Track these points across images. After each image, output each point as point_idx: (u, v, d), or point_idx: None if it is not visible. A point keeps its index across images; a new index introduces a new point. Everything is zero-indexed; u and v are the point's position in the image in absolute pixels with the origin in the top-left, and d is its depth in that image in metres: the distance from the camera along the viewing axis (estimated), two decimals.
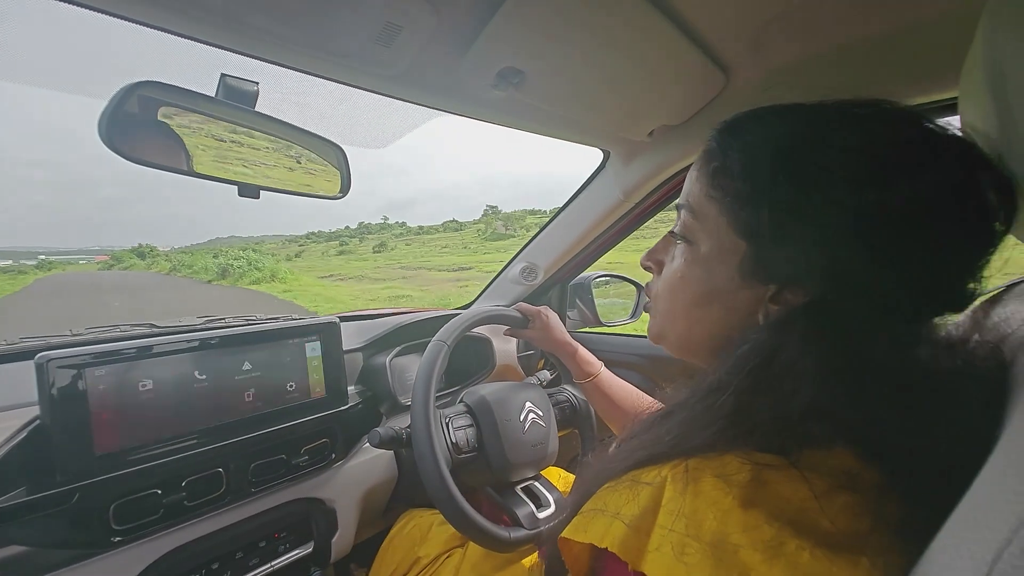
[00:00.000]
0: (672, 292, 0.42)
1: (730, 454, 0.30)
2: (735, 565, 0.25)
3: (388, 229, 69.03)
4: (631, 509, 0.31)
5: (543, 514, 0.77)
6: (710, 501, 0.28)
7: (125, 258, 61.37)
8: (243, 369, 0.74)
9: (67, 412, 0.58)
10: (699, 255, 0.39)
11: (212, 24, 0.45)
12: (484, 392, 0.84)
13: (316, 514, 0.82)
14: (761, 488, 0.27)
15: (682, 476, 0.30)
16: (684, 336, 0.43)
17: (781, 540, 0.25)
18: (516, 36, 0.52)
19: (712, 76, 0.72)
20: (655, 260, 0.46)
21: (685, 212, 0.40)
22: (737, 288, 0.37)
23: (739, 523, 0.26)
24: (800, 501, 0.27)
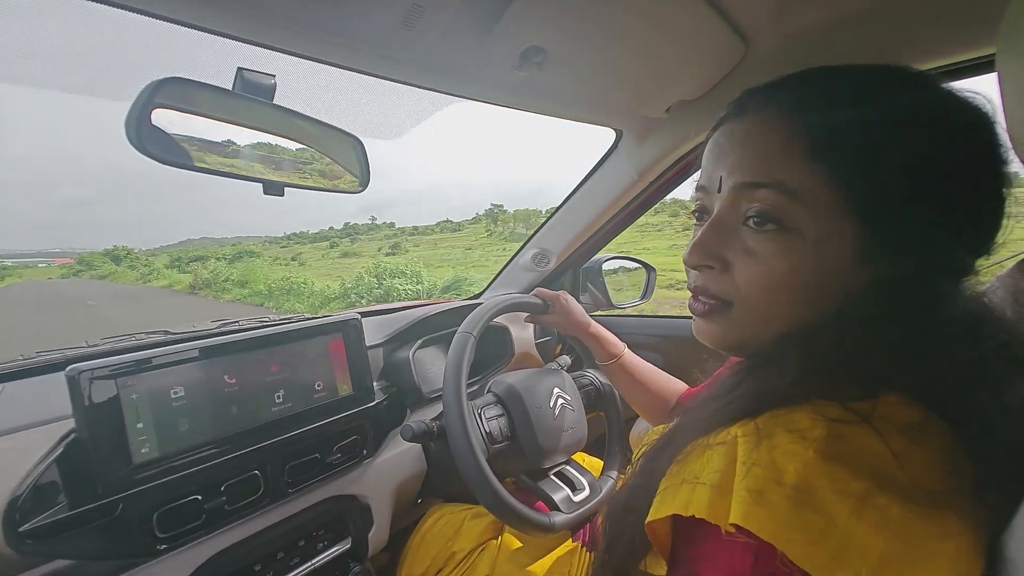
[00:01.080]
0: (770, 291, 0.35)
1: (799, 410, 0.29)
2: (821, 511, 0.25)
3: (377, 230, 65.19)
4: (708, 472, 0.30)
5: (579, 497, 0.78)
6: (789, 453, 0.27)
7: (97, 262, 52.62)
8: (271, 371, 0.73)
9: (103, 423, 0.57)
10: (805, 243, 0.33)
11: (231, 14, 0.43)
12: (511, 380, 0.84)
13: (351, 511, 0.82)
14: (839, 442, 0.27)
15: (754, 432, 0.29)
16: (777, 335, 0.36)
17: (869, 494, 0.25)
18: (541, 12, 0.51)
19: (732, 45, 0.70)
20: (716, 256, 0.37)
21: (772, 194, 0.34)
22: (854, 272, 0.33)
23: (824, 474, 0.26)
24: (879, 455, 0.27)
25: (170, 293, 21.51)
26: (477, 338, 0.76)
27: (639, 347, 1.09)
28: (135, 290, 26.17)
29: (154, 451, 0.60)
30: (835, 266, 0.33)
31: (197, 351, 0.65)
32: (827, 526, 0.25)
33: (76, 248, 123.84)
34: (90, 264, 52.64)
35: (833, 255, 0.33)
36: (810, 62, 0.76)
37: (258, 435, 0.70)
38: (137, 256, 56.27)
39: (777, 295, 0.35)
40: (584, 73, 0.65)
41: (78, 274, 50.35)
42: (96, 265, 51.11)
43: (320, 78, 0.58)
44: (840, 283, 0.34)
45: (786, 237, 0.34)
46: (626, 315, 1.42)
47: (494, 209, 49.32)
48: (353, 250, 44.89)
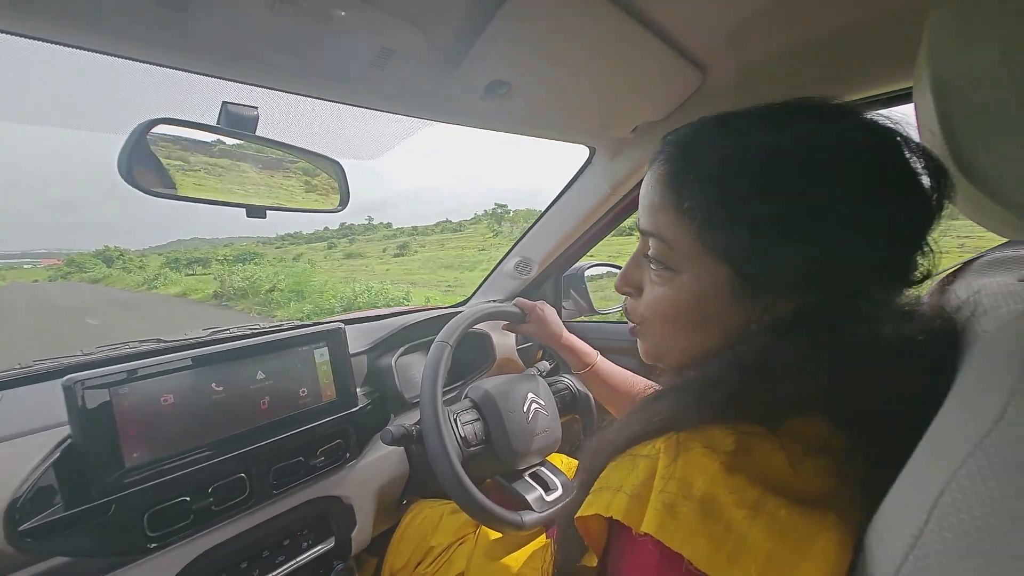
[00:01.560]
0: (661, 320, 0.41)
1: (716, 427, 0.33)
2: (721, 520, 0.29)
3: (374, 230, 62.31)
4: (631, 480, 0.34)
5: (551, 497, 0.82)
6: (699, 467, 0.31)
7: (87, 264, 48.06)
8: (257, 378, 0.77)
9: (97, 430, 0.61)
10: (682, 283, 0.39)
11: (215, 59, 0.47)
12: (487, 387, 0.88)
13: (335, 511, 0.86)
14: (744, 455, 0.31)
15: (674, 447, 0.33)
16: (681, 356, 0.42)
17: (762, 500, 0.29)
18: (502, 52, 0.55)
19: (689, 74, 0.75)
20: (634, 284, 0.45)
21: (656, 241, 0.40)
22: (728, 307, 0.37)
23: (725, 485, 0.30)
24: (777, 467, 0.31)
25: (189, 305, 16.71)
26: (454, 347, 0.80)
27: (620, 352, 1.13)
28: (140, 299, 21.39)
29: (145, 456, 0.64)
30: (711, 302, 0.38)
31: (186, 361, 0.69)
32: (726, 532, 0.29)
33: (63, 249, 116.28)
34: (80, 266, 48.34)
35: (708, 293, 0.38)
36: (765, 86, 0.81)
37: (244, 440, 0.74)
38: (131, 258, 52.27)
39: (667, 322, 0.41)
40: (548, 101, 0.70)
41: (67, 276, 46.22)
42: (87, 267, 46.97)
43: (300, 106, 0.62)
44: (719, 317, 0.38)
45: (670, 275, 0.39)
46: (608, 321, 1.46)
47: (498, 209, 48.42)
48: (356, 251, 42.88)
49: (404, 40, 0.49)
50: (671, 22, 0.62)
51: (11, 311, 17.91)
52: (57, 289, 31.06)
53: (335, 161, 0.67)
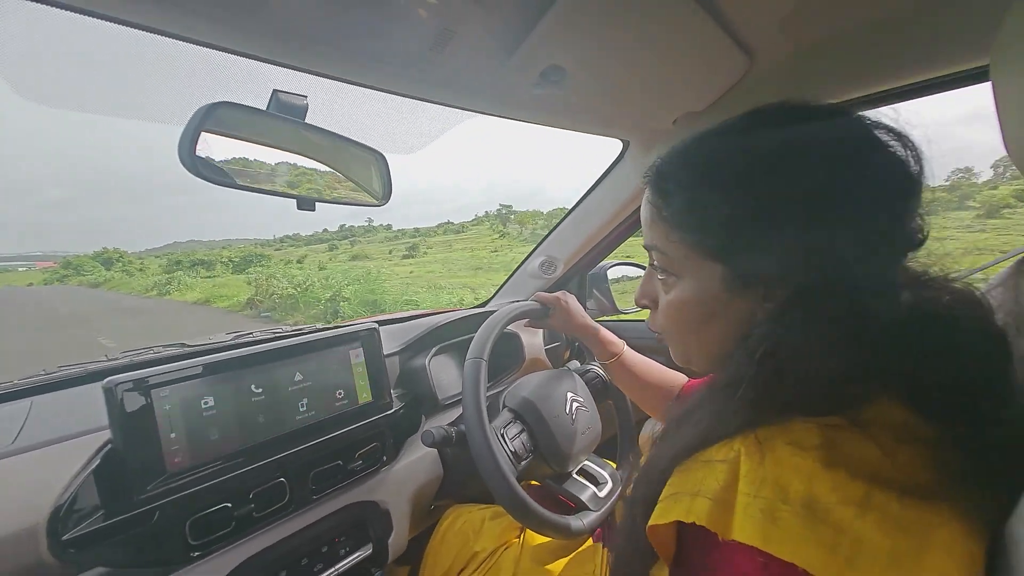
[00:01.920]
0: (675, 324, 0.45)
1: (795, 421, 0.31)
2: (830, 521, 0.27)
3: (374, 231, 61.61)
4: (711, 485, 0.32)
5: (603, 492, 0.80)
6: (791, 467, 0.29)
7: (86, 267, 45.35)
8: (295, 379, 0.74)
9: (138, 434, 0.58)
10: (684, 286, 0.42)
11: (269, 41, 0.45)
12: (525, 393, 0.84)
13: (372, 516, 0.84)
14: (834, 449, 0.29)
15: (756, 448, 0.31)
16: (704, 356, 0.45)
17: (869, 494, 0.27)
18: (563, 33, 0.53)
19: (737, 59, 0.73)
20: (650, 297, 0.49)
21: (656, 253, 0.44)
22: (729, 301, 0.40)
23: (826, 483, 0.28)
24: (871, 457, 0.29)
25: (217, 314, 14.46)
26: (488, 359, 0.77)
27: (643, 350, 1.11)
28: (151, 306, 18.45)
29: (186, 460, 0.62)
30: (712, 300, 0.40)
31: (225, 362, 0.67)
32: (837, 534, 0.27)
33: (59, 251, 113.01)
34: (78, 268, 45.76)
35: (708, 292, 0.40)
36: (813, 74, 0.79)
37: (284, 443, 0.71)
38: (131, 260, 49.75)
39: (680, 325, 0.44)
40: (598, 89, 0.68)
41: (64, 280, 43.64)
42: (85, 270, 44.53)
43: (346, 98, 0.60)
44: (724, 313, 0.40)
45: (673, 281, 0.43)
46: (630, 319, 1.44)
47: (503, 210, 48.24)
48: (362, 252, 41.29)
49: (465, 18, 0.47)
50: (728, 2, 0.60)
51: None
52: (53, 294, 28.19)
53: (379, 153, 0.64)
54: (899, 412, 0.31)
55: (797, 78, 0.78)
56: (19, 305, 21.86)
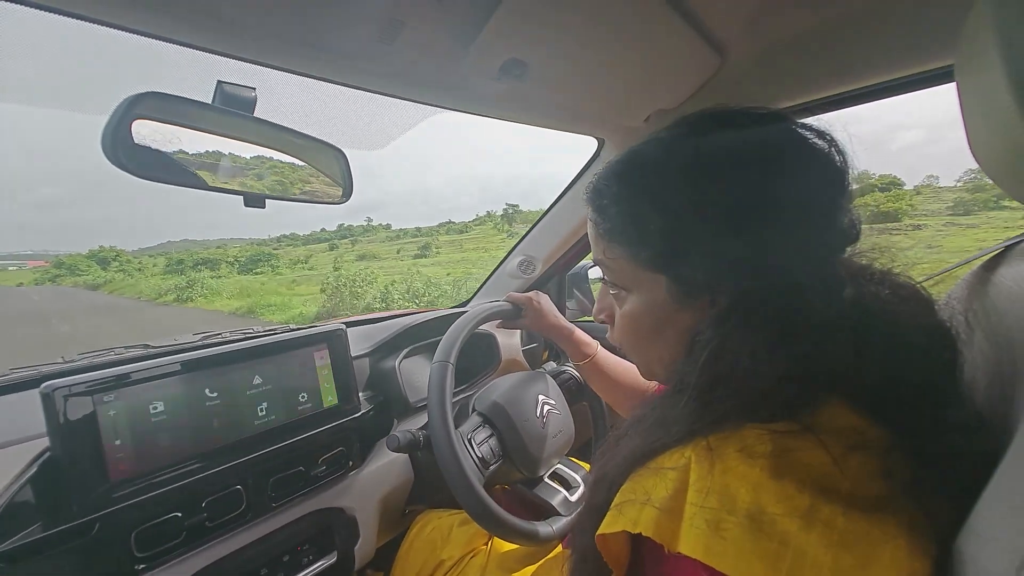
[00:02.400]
0: (629, 337, 0.45)
1: (747, 427, 0.31)
2: (774, 534, 0.26)
3: (374, 231, 59.67)
4: (660, 493, 0.31)
5: (575, 496, 0.78)
6: (739, 475, 0.28)
7: (80, 266, 42.95)
8: (254, 383, 0.72)
9: (79, 442, 0.56)
10: (634, 298, 0.43)
11: (210, 30, 0.43)
12: (495, 396, 0.82)
13: (337, 523, 0.81)
14: (784, 457, 0.28)
15: (706, 455, 0.30)
16: (662, 367, 0.45)
17: (815, 506, 0.26)
18: (520, 26, 0.52)
19: (707, 57, 0.72)
20: (606, 312, 0.50)
21: (604, 268, 0.44)
22: (677, 311, 0.40)
23: (772, 494, 0.27)
24: (821, 465, 0.28)
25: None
26: (455, 363, 0.74)
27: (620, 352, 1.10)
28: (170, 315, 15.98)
29: (132, 468, 0.59)
30: (660, 311, 0.41)
31: (177, 365, 0.64)
32: (781, 547, 0.26)
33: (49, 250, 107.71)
34: (72, 268, 42.96)
35: (655, 303, 0.41)
36: (783, 71, 0.79)
37: (241, 449, 0.69)
38: (128, 259, 46.62)
39: (634, 338, 0.44)
40: (565, 84, 0.66)
41: (56, 280, 41.30)
42: (80, 269, 42.01)
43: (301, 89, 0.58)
44: (672, 322, 0.40)
45: (624, 295, 0.43)
46: None
47: (509, 209, 48.02)
48: (369, 252, 40.14)
49: (416, 10, 0.46)
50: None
51: None
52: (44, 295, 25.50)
53: (338, 149, 0.62)
54: (850, 417, 0.31)
55: (768, 76, 0.78)
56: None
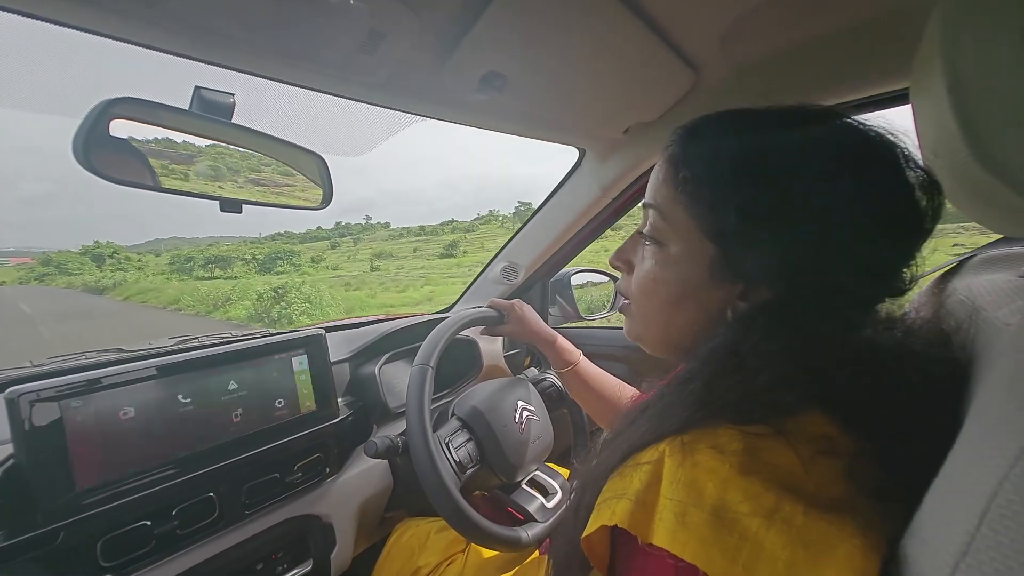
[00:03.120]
0: (646, 294, 0.43)
1: (722, 427, 0.32)
2: (736, 529, 0.27)
3: (372, 230, 57.06)
4: (634, 486, 0.32)
5: (552, 503, 0.79)
6: (708, 470, 0.29)
7: (71, 264, 37.93)
8: (229, 389, 0.71)
9: (44, 448, 0.54)
10: (669, 257, 0.40)
11: (192, 38, 0.43)
12: (475, 401, 0.83)
13: (313, 531, 0.81)
14: (754, 456, 0.29)
15: (679, 449, 0.31)
16: (661, 336, 0.44)
17: (778, 504, 0.27)
18: (498, 40, 0.53)
19: (682, 74, 0.75)
20: (624, 259, 0.47)
21: (654, 213, 0.41)
22: (707, 288, 0.39)
23: (739, 490, 0.28)
24: (789, 466, 0.29)
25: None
26: (435, 367, 0.75)
27: (605, 358, 1.11)
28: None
29: (99, 476, 0.58)
30: (693, 279, 0.39)
31: (151, 370, 0.63)
32: (741, 541, 0.27)
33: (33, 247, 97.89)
34: (61, 266, 37.48)
35: (691, 270, 0.39)
36: (756, 89, 0.81)
37: (214, 455, 0.68)
38: (128, 255, 41.42)
39: (650, 297, 0.43)
40: (543, 97, 0.67)
41: (43, 279, 35.40)
42: (71, 268, 36.55)
43: (283, 95, 0.58)
44: (697, 296, 0.39)
45: (659, 250, 0.41)
46: (593, 327, 1.44)
47: (522, 207, 47.62)
48: (385, 250, 37.58)
49: (396, 22, 0.46)
50: (667, 18, 0.61)
51: None
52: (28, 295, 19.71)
53: (318, 155, 0.62)
54: (824, 425, 0.32)
55: (741, 93, 0.80)
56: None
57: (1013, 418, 0.24)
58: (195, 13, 0.43)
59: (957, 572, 0.23)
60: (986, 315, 0.36)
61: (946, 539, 0.24)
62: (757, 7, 0.61)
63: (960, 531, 0.23)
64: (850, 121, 0.37)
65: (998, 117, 0.33)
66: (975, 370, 0.34)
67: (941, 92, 0.36)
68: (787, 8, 0.62)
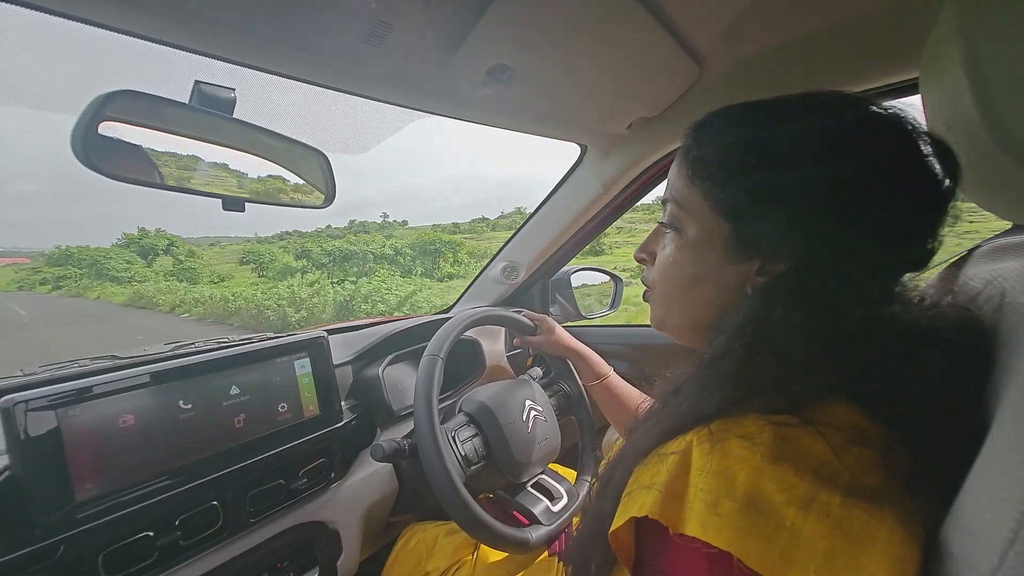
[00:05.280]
0: (666, 278, 0.44)
1: (748, 417, 0.31)
2: (772, 518, 0.27)
3: (390, 227, 53.38)
4: (662, 477, 0.32)
5: (557, 507, 0.78)
6: (739, 459, 0.29)
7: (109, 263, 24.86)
8: (231, 394, 0.69)
9: (41, 459, 0.52)
10: (687, 240, 0.41)
11: (191, 29, 0.42)
12: (482, 397, 0.83)
13: (319, 538, 0.79)
14: (785, 445, 0.29)
15: (707, 438, 0.31)
16: (682, 319, 0.45)
17: (813, 493, 0.27)
18: (506, 32, 0.52)
19: (686, 67, 0.74)
20: (648, 251, 0.48)
21: (671, 204, 0.43)
22: (725, 266, 0.39)
23: (772, 478, 0.28)
24: (820, 455, 0.29)
25: None
26: (445, 359, 0.75)
27: (607, 356, 1.10)
28: None
29: (99, 486, 0.56)
30: (710, 259, 0.40)
31: (148, 376, 0.61)
32: (777, 528, 0.26)
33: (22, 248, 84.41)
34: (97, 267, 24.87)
35: (708, 250, 0.40)
36: (759, 83, 0.81)
37: (217, 463, 0.66)
38: (193, 249, 31.03)
39: (670, 279, 0.44)
40: (549, 90, 0.67)
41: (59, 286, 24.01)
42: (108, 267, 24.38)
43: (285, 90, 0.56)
44: (715, 275, 0.40)
45: (678, 236, 0.42)
46: (594, 325, 1.44)
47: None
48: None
49: (403, 12, 0.45)
50: (674, 9, 0.61)
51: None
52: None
53: (320, 152, 0.61)
54: (852, 415, 0.31)
55: (744, 87, 0.80)
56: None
57: None
58: (196, 3, 0.41)
59: (1006, 561, 0.23)
60: (1011, 302, 0.36)
61: (992, 529, 0.24)
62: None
63: (1007, 519, 0.23)
64: (859, 99, 0.37)
65: (1019, 96, 0.32)
66: (1002, 357, 0.33)
67: (958, 73, 0.35)
68: (791, 1, 0.62)
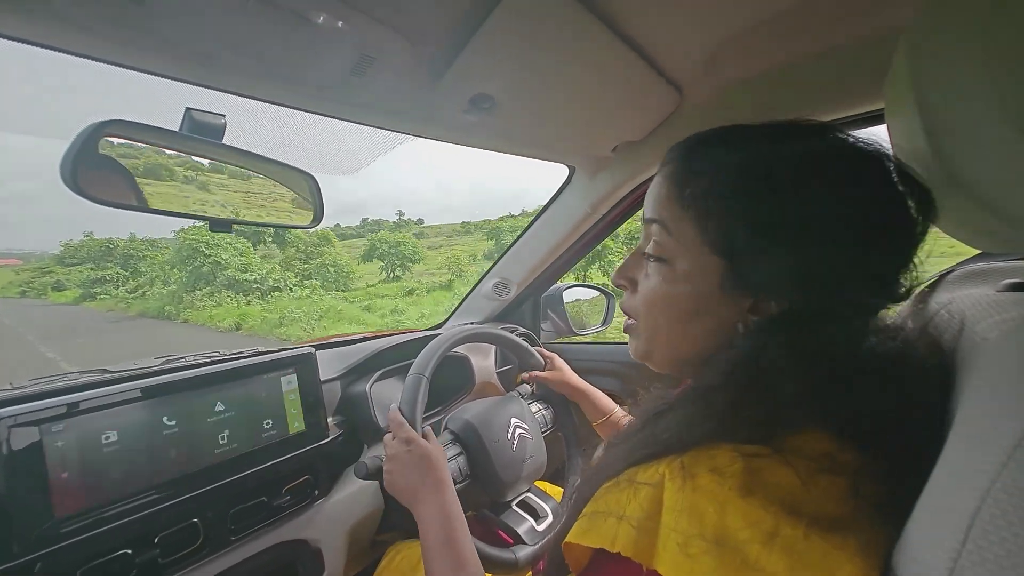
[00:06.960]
0: (653, 311, 0.42)
1: (720, 448, 0.32)
2: (737, 556, 0.27)
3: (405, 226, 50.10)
4: (634, 510, 0.32)
5: (542, 526, 0.77)
6: (708, 494, 0.29)
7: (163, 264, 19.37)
8: (216, 410, 0.70)
9: (22, 475, 0.53)
10: (677, 273, 0.40)
11: (184, 61, 0.44)
12: (467, 416, 0.83)
13: (301, 557, 0.79)
14: (753, 477, 0.29)
15: (679, 472, 0.31)
16: (671, 353, 0.43)
17: (778, 526, 0.27)
18: (487, 64, 0.54)
19: (667, 95, 0.77)
20: (627, 278, 0.46)
21: (659, 230, 0.41)
22: (718, 303, 0.38)
23: (739, 512, 0.28)
24: (788, 486, 0.29)
25: None
26: (430, 378, 0.75)
27: (594, 373, 1.11)
28: None
29: (80, 503, 0.56)
30: (703, 295, 0.39)
31: (135, 392, 0.62)
32: (742, 565, 0.27)
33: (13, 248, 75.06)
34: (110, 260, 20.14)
35: (701, 286, 0.39)
36: (739, 110, 0.84)
37: (199, 480, 0.66)
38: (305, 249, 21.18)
39: (659, 314, 0.42)
40: (532, 117, 0.69)
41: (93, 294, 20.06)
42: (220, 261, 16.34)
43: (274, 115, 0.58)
44: (708, 312, 0.39)
45: (665, 267, 0.41)
46: (585, 342, 1.45)
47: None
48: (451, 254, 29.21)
49: (386, 47, 0.47)
50: (651, 42, 0.63)
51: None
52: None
53: (308, 174, 0.63)
54: (824, 442, 0.32)
55: (726, 112, 0.82)
56: None
57: (991, 434, 0.24)
58: (186, 38, 0.43)
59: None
60: (967, 329, 0.37)
61: (933, 556, 0.24)
62: (738, 33, 0.63)
63: (947, 547, 0.23)
64: (844, 135, 0.38)
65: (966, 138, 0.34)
66: (957, 383, 0.35)
67: (912, 114, 0.37)
68: (768, 33, 0.65)
